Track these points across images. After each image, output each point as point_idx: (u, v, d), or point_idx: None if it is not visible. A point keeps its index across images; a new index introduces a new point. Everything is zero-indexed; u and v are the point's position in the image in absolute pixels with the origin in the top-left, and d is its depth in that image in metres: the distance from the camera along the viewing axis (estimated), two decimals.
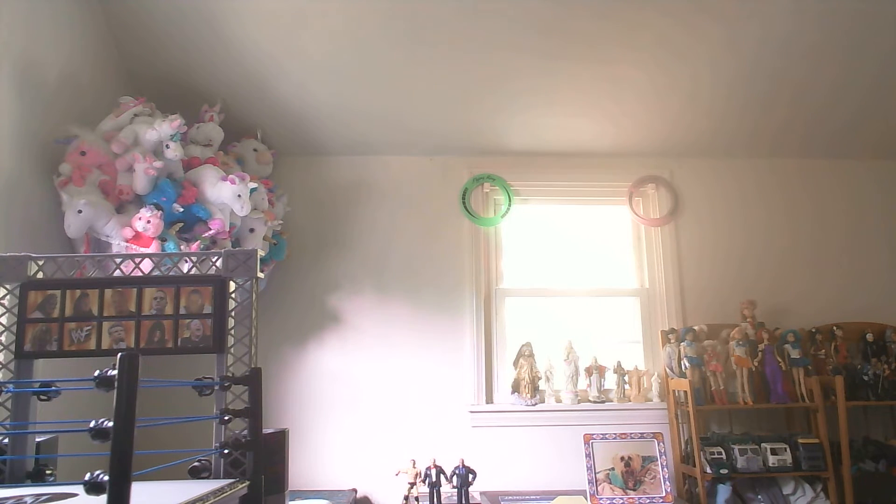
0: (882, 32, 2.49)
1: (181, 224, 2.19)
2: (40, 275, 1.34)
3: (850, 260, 3.15)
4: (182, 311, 1.30)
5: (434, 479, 2.46)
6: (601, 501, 2.50)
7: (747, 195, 3.19)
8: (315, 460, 2.78)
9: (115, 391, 0.85)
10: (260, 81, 2.66)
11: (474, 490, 2.55)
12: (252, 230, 2.53)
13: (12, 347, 1.28)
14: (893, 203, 3.24)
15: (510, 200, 3.10)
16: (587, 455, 2.59)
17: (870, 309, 3.04)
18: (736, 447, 2.57)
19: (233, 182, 2.25)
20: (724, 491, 2.53)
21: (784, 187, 3.21)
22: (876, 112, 2.94)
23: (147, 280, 1.33)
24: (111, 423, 0.83)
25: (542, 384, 2.87)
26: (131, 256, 1.39)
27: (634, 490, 2.54)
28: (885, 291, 3.11)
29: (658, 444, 2.63)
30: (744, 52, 2.57)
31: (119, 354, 0.86)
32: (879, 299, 3.08)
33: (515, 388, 2.86)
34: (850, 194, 3.23)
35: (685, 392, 2.69)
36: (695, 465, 2.55)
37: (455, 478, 2.46)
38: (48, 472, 1.26)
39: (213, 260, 1.35)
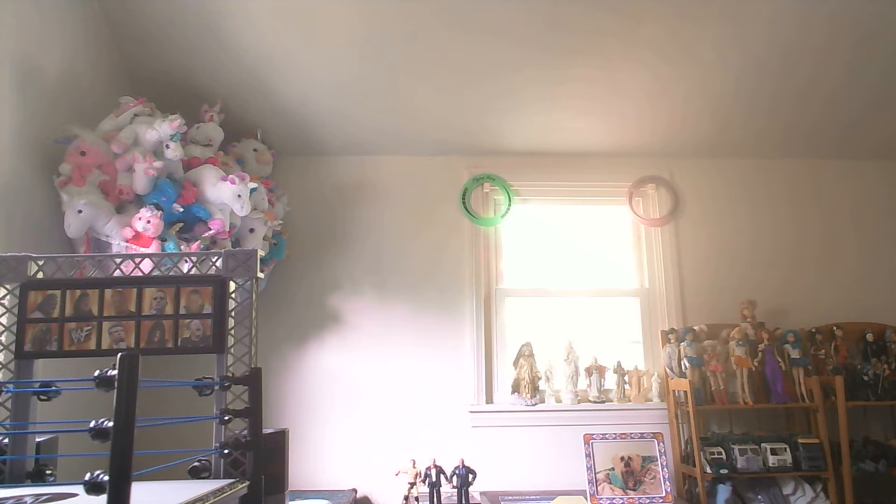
0: (889, 32, 2.48)
1: (181, 224, 2.19)
2: (40, 275, 1.34)
3: (849, 260, 3.15)
4: (182, 311, 1.30)
5: (434, 479, 2.46)
6: (601, 501, 2.50)
7: (747, 195, 3.19)
8: (315, 460, 2.78)
9: (115, 391, 0.85)
10: (260, 81, 2.66)
11: (474, 490, 2.55)
12: (252, 230, 2.53)
13: (12, 347, 1.28)
14: (893, 203, 3.24)
15: (510, 200, 3.10)
16: (587, 455, 2.59)
17: (870, 309, 3.04)
18: (736, 447, 2.57)
19: (233, 182, 2.25)
20: (724, 491, 2.53)
21: (784, 187, 3.21)
22: (879, 112, 2.94)
23: (147, 280, 1.33)
24: (111, 423, 0.83)
25: (542, 384, 2.87)
26: (131, 256, 1.39)
27: (634, 490, 2.54)
28: (885, 291, 3.11)
29: (658, 444, 2.63)
30: (745, 51, 2.57)
31: (119, 354, 0.85)
32: (879, 299, 3.08)
33: (515, 388, 2.86)
34: (850, 194, 3.23)
35: (685, 392, 2.69)
36: (695, 465, 2.56)
37: (455, 478, 2.46)
38: (48, 472, 1.26)
39: (213, 260, 1.35)
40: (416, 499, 2.46)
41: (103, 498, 0.81)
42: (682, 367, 2.78)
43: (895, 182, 3.27)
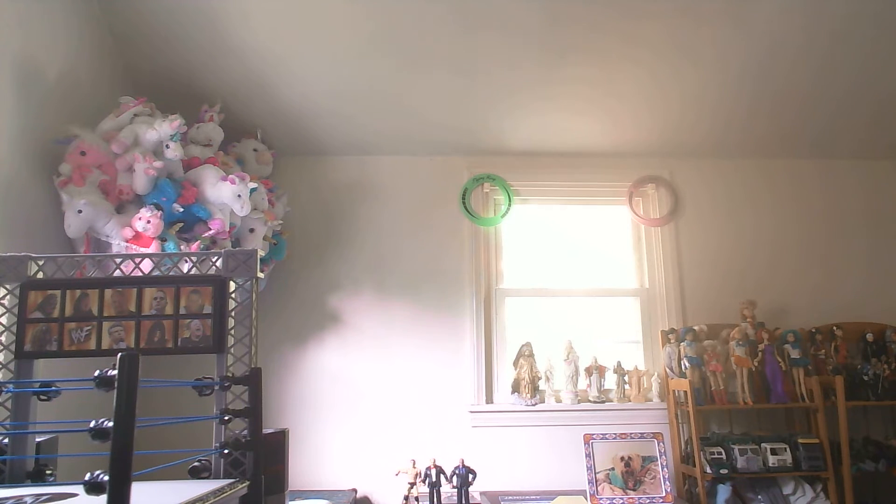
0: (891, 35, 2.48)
1: (181, 224, 2.19)
2: (40, 275, 1.34)
3: (849, 260, 3.14)
4: (182, 311, 1.30)
5: (434, 479, 2.46)
6: (601, 501, 2.50)
7: (747, 195, 3.19)
8: (315, 460, 2.78)
9: (115, 391, 0.85)
10: (260, 81, 2.66)
11: (474, 490, 2.55)
12: (252, 230, 2.53)
13: (12, 347, 1.28)
14: (893, 203, 3.24)
15: (510, 200, 3.10)
16: (587, 455, 2.59)
17: (870, 309, 3.03)
18: (736, 447, 2.57)
19: (233, 182, 2.25)
20: (724, 491, 2.53)
21: (784, 187, 3.21)
22: (883, 112, 2.93)
23: (147, 280, 1.33)
24: (111, 423, 0.83)
25: (542, 384, 2.87)
26: (131, 256, 1.39)
27: (634, 490, 2.54)
28: (885, 291, 3.11)
29: (658, 444, 2.63)
30: (744, 52, 2.57)
31: (119, 354, 0.86)
32: (879, 299, 3.08)
33: (515, 388, 2.86)
34: (850, 195, 3.23)
35: (685, 392, 2.69)
36: (695, 465, 2.55)
37: (455, 478, 2.46)
38: (48, 472, 1.26)
39: (213, 260, 1.35)
40: (416, 499, 2.46)
41: (103, 498, 0.81)
42: (682, 367, 2.78)
43: None
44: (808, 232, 3.17)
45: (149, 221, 2.04)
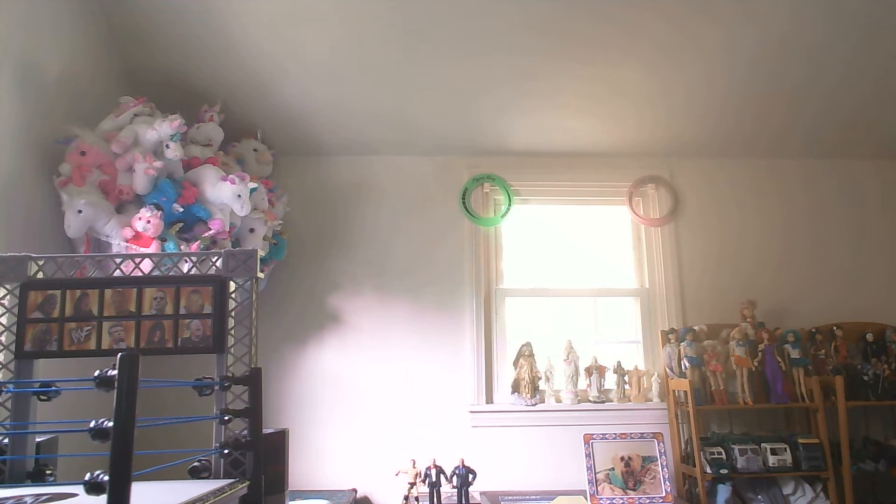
0: (886, 31, 2.48)
1: (181, 224, 2.19)
2: (40, 275, 1.34)
3: (849, 260, 3.14)
4: (182, 311, 1.30)
5: (434, 479, 2.46)
6: (601, 501, 2.50)
7: (747, 195, 3.19)
8: (315, 460, 2.78)
9: (115, 391, 0.85)
10: (260, 82, 2.66)
11: (474, 490, 2.55)
12: (252, 230, 2.53)
13: (12, 347, 1.28)
14: (893, 203, 3.24)
15: (510, 200, 3.10)
16: (587, 455, 2.59)
17: (870, 309, 3.03)
18: (736, 447, 2.57)
19: (233, 182, 2.25)
20: (724, 491, 2.53)
21: (784, 187, 3.21)
22: (877, 112, 2.94)
23: (147, 280, 1.32)
24: (111, 423, 0.83)
25: (542, 384, 2.87)
26: (131, 256, 1.39)
27: (634, 490, 2.54)
28: (884, 291, 3.11)
29: (658, 444, 2.63)
30: (744, 52, 2.57)
31: (119, 354, 0.86)
32: (879, 299, 3.08)
33: (515, 388, 2.86)
34: (850, 194, 3.23)
35: (685, 392, 2.69)
36: (695, 465, 2.55)
37: (455, 478, 2.46)
38: (48, 472, 1.26)
39: (213, 260, 1.35)
40: (416, 499, 2.47)
41: (103, 498, 0.81)
42: (682, 367, 2.78)
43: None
44: (809, 232, 3.17)
45: (149, 221, 2.04)
